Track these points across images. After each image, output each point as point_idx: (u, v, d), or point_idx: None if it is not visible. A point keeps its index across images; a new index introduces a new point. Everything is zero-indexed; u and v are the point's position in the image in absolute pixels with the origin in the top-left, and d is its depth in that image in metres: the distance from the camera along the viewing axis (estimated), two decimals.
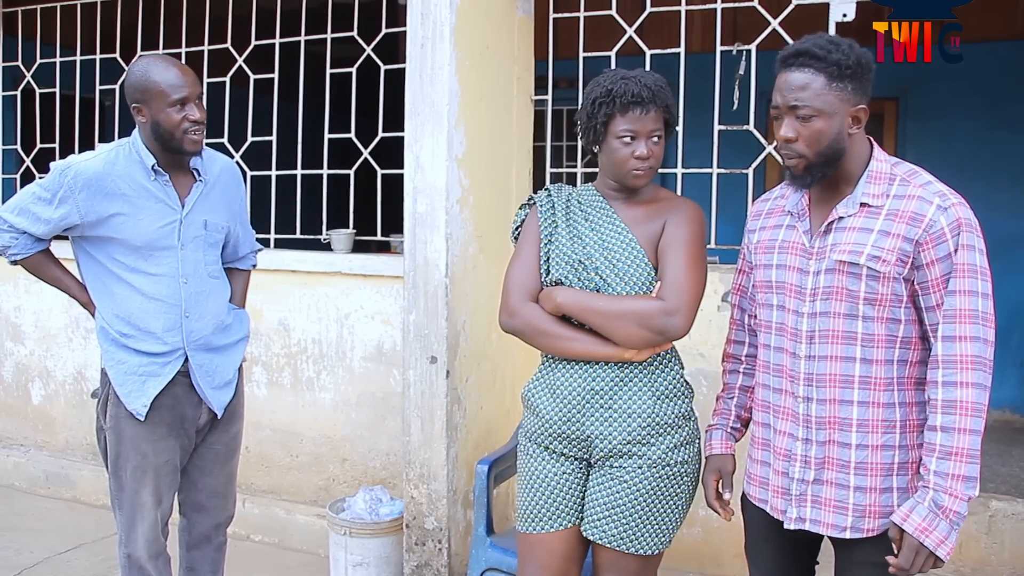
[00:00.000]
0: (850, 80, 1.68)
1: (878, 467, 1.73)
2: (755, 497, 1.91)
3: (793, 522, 1.81)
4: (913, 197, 1.68)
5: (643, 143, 1.96)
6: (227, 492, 2.57)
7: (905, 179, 1.72)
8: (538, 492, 2.04)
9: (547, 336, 2.00)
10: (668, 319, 1.88)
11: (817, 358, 1.76)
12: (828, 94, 1.68)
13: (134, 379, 2.29)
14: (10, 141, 4.71)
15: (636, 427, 1.95)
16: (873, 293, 1.69)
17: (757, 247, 1.90)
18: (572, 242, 2.02)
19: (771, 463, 1.86)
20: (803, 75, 1.69)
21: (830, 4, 2.99)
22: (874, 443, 1.73)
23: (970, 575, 3.03)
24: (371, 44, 3.68)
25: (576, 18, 3.40)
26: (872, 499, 1.73)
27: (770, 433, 1.87)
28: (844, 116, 1.69)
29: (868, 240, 1.69)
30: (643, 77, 1.98)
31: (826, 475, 1.76)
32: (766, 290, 1.86)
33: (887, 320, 1.70)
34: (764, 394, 1.90)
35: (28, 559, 3.46)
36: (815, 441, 1.77)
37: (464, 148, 3.05)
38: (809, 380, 1.77)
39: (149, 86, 2.23)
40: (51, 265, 2.40)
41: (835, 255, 1.72)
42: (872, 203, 1.71)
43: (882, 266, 1.67)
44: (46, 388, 4.38)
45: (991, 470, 3.86)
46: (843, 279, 1.71)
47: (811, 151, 1.70)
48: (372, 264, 3.62)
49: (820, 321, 1.75)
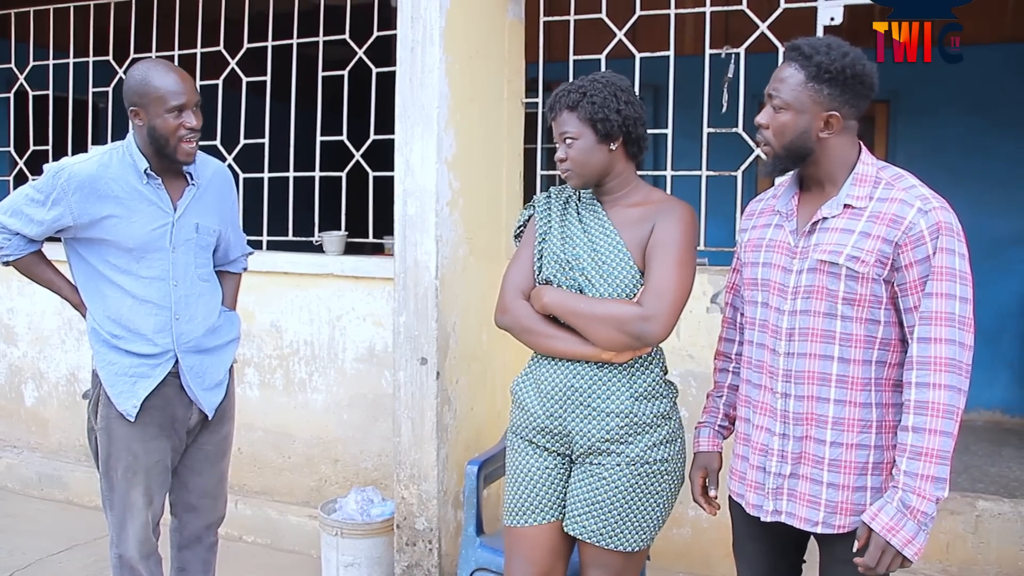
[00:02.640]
0: (828, 84, 1.71)
1: (852, 465, 1.75)
2: (735, 492, 1.94)
3: (769, 515, 1.83)
4: (895, 200, 1.70)
5: (561, 146, 2.03)
6: (218, 493, 2.58)
7: (890, 183, 1.74)
8: (522, 486, 2.08)
9: (532, 334, 2.05)
10: (644, 325, 1.91)
11: (796, 355, 1.78)
12: (802, 92, 1.72)
13: (124, 380, 2.31)
14: (3, 143, 4.72)
15: (614, 426, 1.97)
16: (852, 293, 1.71)
17: (747, 245, 1.94)
18: (563, 242, 2.06)
19: (748, 458, 1.89)
20: (788, 68, 1.74)
21: (818, 8, 3.01)
22: (849, 441, 1.75)
23: (957, 574, 3.05)
24: (363, 47, 3.70)
25: (566, 21, 3.42)
26: (844, 496, 1.75)
27: (749, 428, 1.90)
28: (814, 117, 1.73)
29: (849, 241, 1.71)
30: (572, 82, 2.04)
31: (801, 470, 1.79)
32: (752, 287, 1.90)
33: (866, 320, 1.72)
34: (746, 389, 1.93)
35: (21, 560, 3.46)
36: (792, 436, 1.80)
37: (454, 151, 3.07)
38: (788, 376, 1.79)
39: (148, 90, 2.23)
40: (43, 266, 2.41)
41: (816, 254, 1.75)
42: (855, 205, 1.73)
43: (861, 266, 1.69)
44: (39, 390, 4.38)
45: (980, 470, 3.87)
46: (823, 278, 1.74)
47: (776, 142, 1.76)
48: (364, 266, 3.64)
49: (800, 319, 1.77)
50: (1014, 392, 5.11)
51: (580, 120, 2.00)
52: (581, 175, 2.03)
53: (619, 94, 2.00)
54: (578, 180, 2.05)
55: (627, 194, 2.07)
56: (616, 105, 1.99)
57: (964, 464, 3.92)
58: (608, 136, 2.00)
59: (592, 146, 2.00)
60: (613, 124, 1.99)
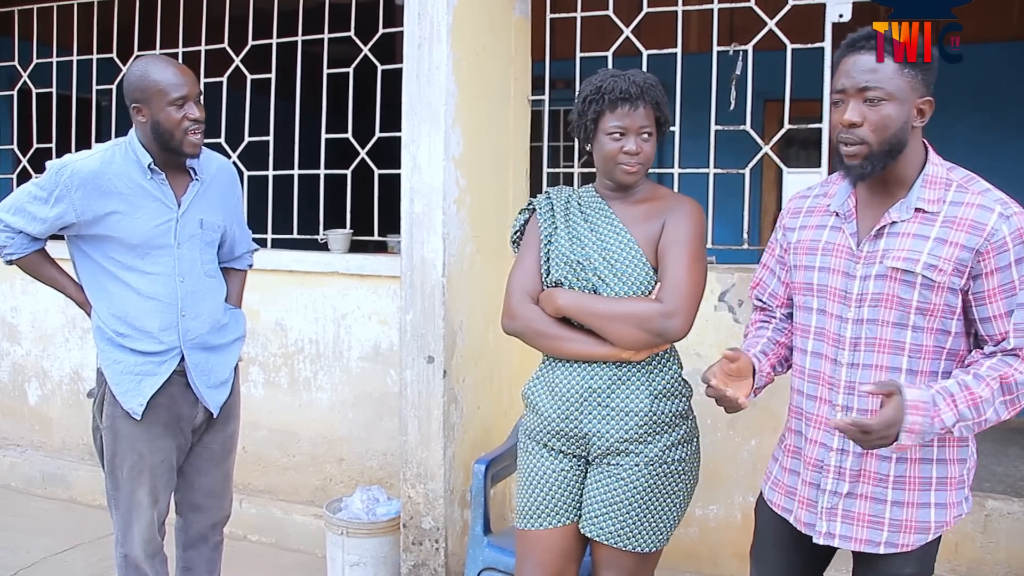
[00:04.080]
0: (919, 68, 1.62)
1: (916, 481, 1.68)
2: (778, 505, 1.86)
3: (823, 537, 1.75)
4: (972, 205, 1.61)
5: (632, 139, 1.97)
6: (223, 491, 2.57)
7: (962, 185, 1.65)
8: (537, 489, 2.05)
9: (546, 337, 2.02)
10: (667, 321, 1.89)
11: (861, 366, 1.69)
12: (899, 78, 1.61)
13: (130, 378, 2.29)
14: (6, 141, 4.71)
15: (633, 425, 1.95)
16: (926, 303, 1.63)
17: (797, 247, 1.82)
18: (571, 243, 2.04)
19: (800, 472, 1.80)
20: (869, 57, 1.61)
21: (826, 5, 3.00)
22: (913, 456, 1.67)
23: (966, 574, 3.03)
24: (368, 44, 3.68)
25: (573, 18, 3.40)
26: (909, 514, 1.68)
27: (801, 441, 1.81)
28: (911, 105, 1.62)
29: (924, 248, 1.62)
30: (633, 75, 1.99)
31: (861, 488, 1.70)
32: (806, 293, 1.78)
33: (936, 331, 1.65)
34: (798, 400, 1.82)
35: (24, 559, 3.45)
36: (852, 452, 1.70)
37: (461, 148, 3.05)
38: (850, 388, 1.70)
39: (148, 85, 2.23)
40: (47, 264, 2.40)
41: (888, 261, 1.64)
42: (928, 209, 1.63)
43: (938, 275, 1.61)
44: (43, 388, 4.37)
45: (987, 470, 3.85)
46: (895, 286, 1.64)
47: (876, 137, 1.61)
48: (369, 264, 3.62)
49: (867, 328, 1.68)
50: None
51: (654, 116, 2.00)
52: (645, 171, 2.03)
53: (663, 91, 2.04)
54: (640, 176, 2.03)
55: (634, 191, 2.06)
56: (665, 103, 2.03)
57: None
58: (661, 134, 2.04)
59: (655, 143, 2.03)
60: (664, 122, 2.03)
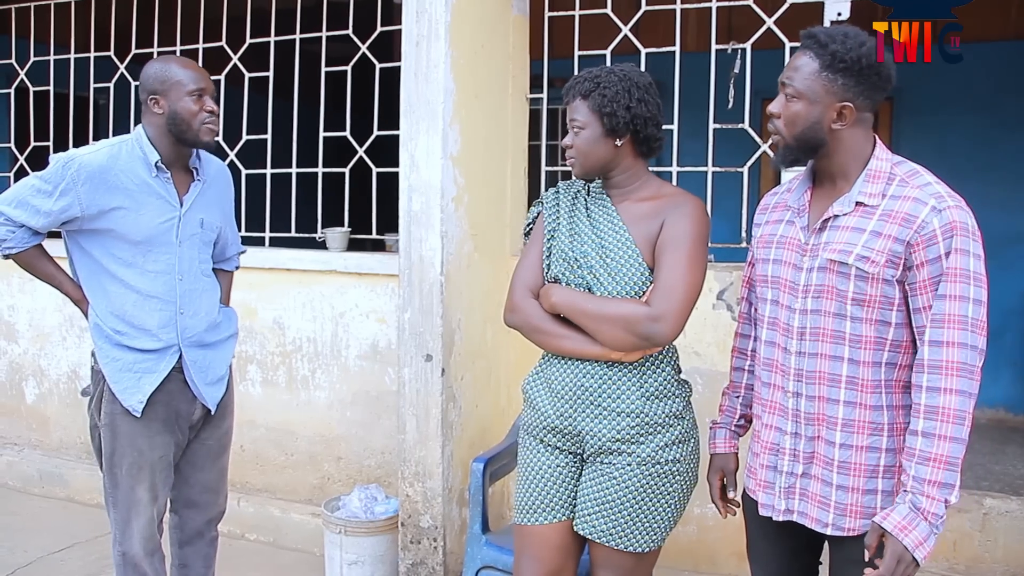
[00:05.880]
0: (843, 74, 1.67)
1: (862, 468, 1.72)
2: (750, 489, 1.92)
3: (781, 514, 1.81)
4: (909, 198, 1.65)
5: (570, 133, 2.00)
6: (219, 487, 2.58)
7: (904, 179, 1.68)
8: (533, 484, 2.06)
9: (542, 333, 2.02)
10: (653, 325, 1.87)
11: (807, 355, 1.75)
12: (815, 81, 1.68)
13: (129, 376, 2.29)
14: (3, 139, 4.70)
15: (625, 426, 1.95)
16: (861, 294, 1.67)
17: (759, 241, 1.90)
18: (571, 239, 2.03)
19: (759, 455, 1.87)
20: (803, 57, 1.71)
21: (825, 3, 3.00)
22: (859, 444, 1.72)
23: (964, 573, 3.04)
24: (366, 42, 3.68)
25: (571, 17, 3.40)
26: (854, 499, 1.72)
27: (760, 426, 1.88)
28: (827, 108, 1.68)
29: (859, 240, 1.67)
30: (592, 69, 2.01)
31: (813, 470, 1.76)
32: (763, 284, 1.87)
33: (876, 322, 1.68)
34: (759, 388, 1.90)
35: (22, 558, 3.45)
36: (804, 436, 1.77)
37: (459, 146, 3.05)
38: (799, 376, 1.77)
39: (169, 76, 2.29)
40: (45, 260, 2.39)
41: (826, 253, 1.71)
42: (868, 202, 1.69)
43: (870, 267, 1.65)
44: (40, 387, 4.37)
45: (985, 468, 3.86)
46: (833, 278, 1.70)
47: (787, 131, 1.72)
48: (367, 262, 3.62)
49: (811, 318, 1.74)
50: (1018, 390, 5.10)
51: (590, 110, 1.96)
52: (583, 165, 2.01)
53: (633, 90, 1.95)
54: (580, 170, 2.02)
55: (637, 188, 2.03)
56: (627, 101, 1.94)
57: (968, 462, 3.87)
58: (614, 131, 1.96)
59: (597, 138, 1.97)
60: (620, 120, 1.94)
